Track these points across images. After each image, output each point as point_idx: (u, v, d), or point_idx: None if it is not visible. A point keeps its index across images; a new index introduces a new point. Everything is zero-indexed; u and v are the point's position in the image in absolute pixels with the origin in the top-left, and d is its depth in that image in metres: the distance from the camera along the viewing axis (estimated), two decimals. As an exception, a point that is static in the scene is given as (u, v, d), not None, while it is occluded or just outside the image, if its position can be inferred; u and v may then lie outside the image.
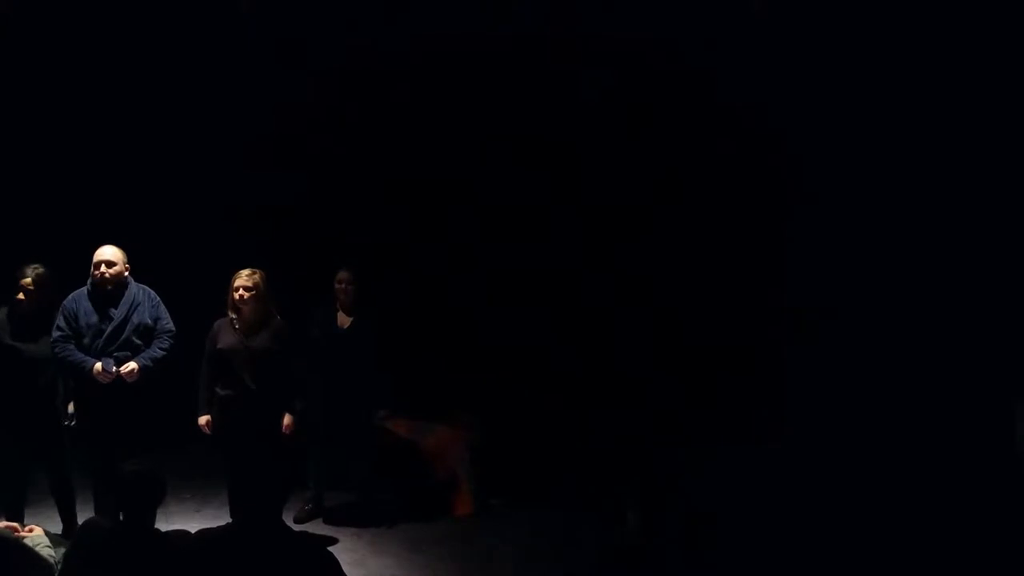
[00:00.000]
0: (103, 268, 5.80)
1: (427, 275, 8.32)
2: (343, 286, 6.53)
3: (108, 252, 5.86)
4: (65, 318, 5.78)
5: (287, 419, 6.06)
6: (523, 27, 7.50)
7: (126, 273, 5.89)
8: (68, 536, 5.73)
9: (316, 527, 6.47)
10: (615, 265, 7.94)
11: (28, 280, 5.71)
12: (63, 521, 5.97)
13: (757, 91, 7.24)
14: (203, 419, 6.05)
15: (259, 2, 7.84)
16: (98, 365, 5.69)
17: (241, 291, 5.95)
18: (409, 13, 7.61)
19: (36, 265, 5.77)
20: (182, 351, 6.06)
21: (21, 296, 5.71)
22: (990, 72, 6.84)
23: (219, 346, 5.98)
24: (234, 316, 6.01)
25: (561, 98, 7.85)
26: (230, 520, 5.60)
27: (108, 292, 5.81)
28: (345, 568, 3.69)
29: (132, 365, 5.74)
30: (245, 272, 6.00)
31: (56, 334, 5.75)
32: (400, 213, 8.38)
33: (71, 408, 5.93)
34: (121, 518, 4.12)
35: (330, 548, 4.13)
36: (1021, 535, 5.71)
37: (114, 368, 5.70)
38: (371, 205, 8.37)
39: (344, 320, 6.54)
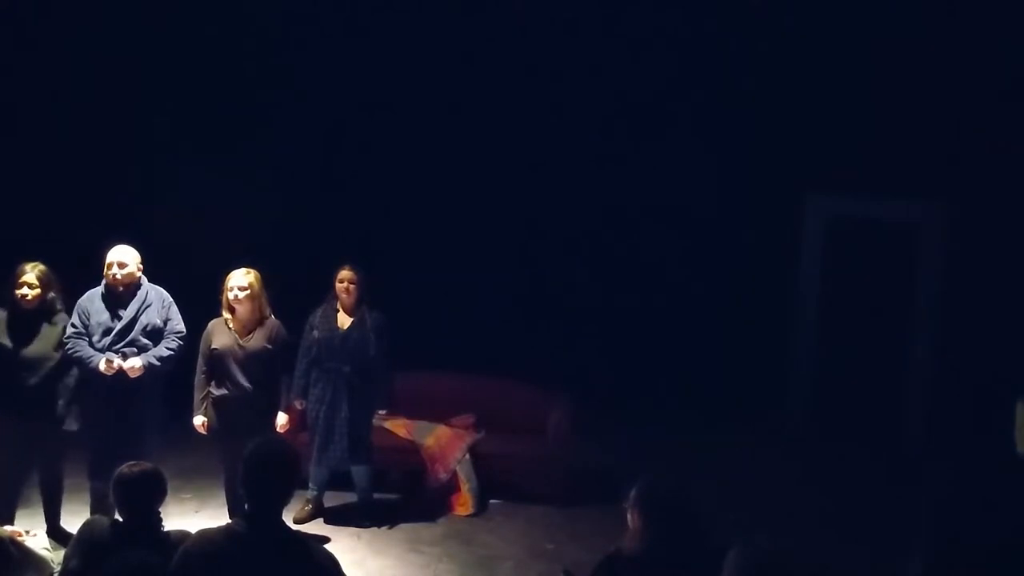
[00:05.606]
0: (115, 269, 5.79)
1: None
2: (345, 284, 6.45)
3: (120, 253, 5.84)
4: (79, 316, 5.77)
5: (282, 418, 6.07)
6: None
7: (138, 273, 5.87)
8: (51, 535, 5.72)
9: (316, 527, 6.47)
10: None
11: (31, 278, 5.61)
12: (47, 520, 5.92)
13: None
14: (198, 420, 6.03)
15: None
16: (103, 360, 5.67)
17: (236, 291, 5.93)
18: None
19: (36, 263, 5.68)
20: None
21: (24, 293, 5.60)
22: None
23: (214, 346, 5.97)
24: (228, 316, 5.99)
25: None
26: (230, 520, 5.59)
27: (120, 292, 5.79)
28: (345, 568, 3.68)
29: (136, 361, 5.71)
30: (240, 272, 5.98)
31: (70, 331, 5.73)
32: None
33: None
34: (121, 518, 4.11)
35: (330, 548, 4.12)
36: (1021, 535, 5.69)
37: (116, 362, 5.66)
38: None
39: (345, 320, 6.47)
